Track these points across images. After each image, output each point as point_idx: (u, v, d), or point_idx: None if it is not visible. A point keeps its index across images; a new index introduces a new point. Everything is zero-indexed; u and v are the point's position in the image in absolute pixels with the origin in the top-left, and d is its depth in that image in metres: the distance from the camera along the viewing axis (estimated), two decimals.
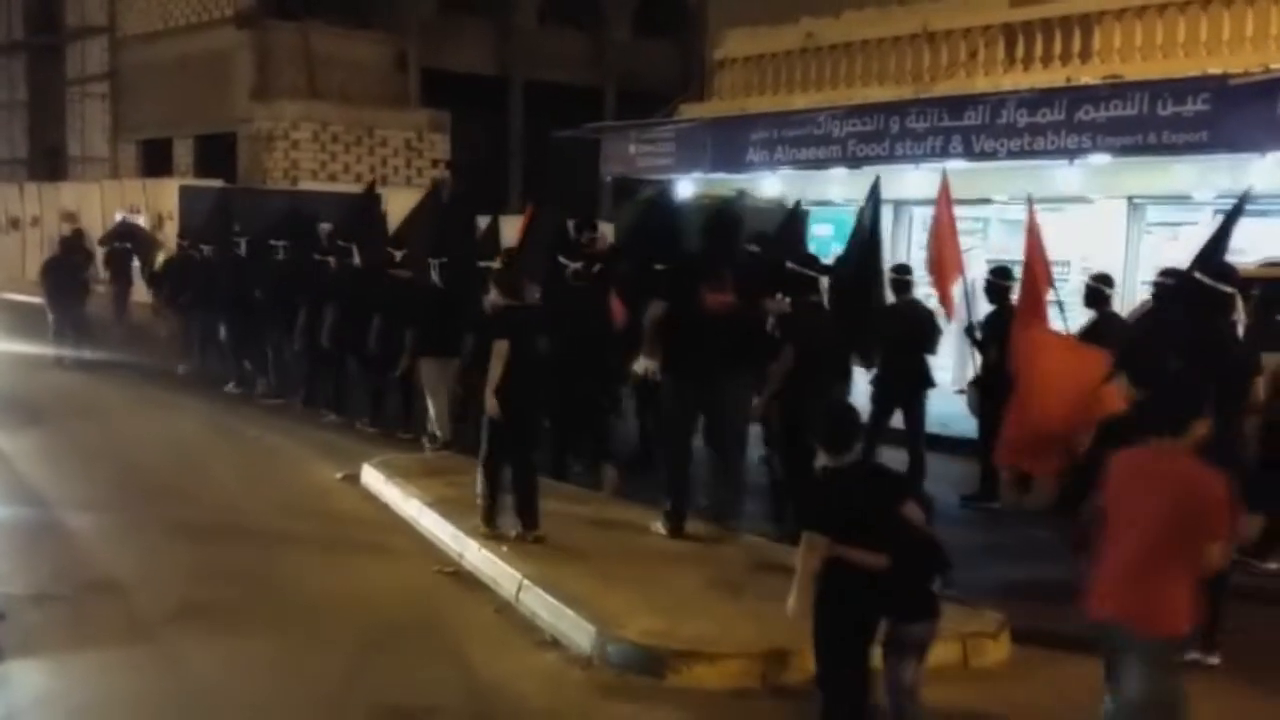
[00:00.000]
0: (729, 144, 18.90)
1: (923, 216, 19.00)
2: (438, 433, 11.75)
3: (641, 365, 8.74)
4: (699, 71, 25.85)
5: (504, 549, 8.03)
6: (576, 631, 6.72)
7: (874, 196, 10.92)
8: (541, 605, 7.14)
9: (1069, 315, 12.44)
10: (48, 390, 15.18)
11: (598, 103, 33.72)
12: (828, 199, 19.24)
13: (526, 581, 7.41)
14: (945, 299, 11.72)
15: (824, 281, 9.37)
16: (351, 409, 13.39)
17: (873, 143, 16.83)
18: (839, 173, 18.26)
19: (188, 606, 7.36)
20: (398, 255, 12.89)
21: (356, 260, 13.64)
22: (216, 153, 31.44)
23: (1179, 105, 13.78)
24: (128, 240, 21.89)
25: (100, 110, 37.05)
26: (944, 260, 11.74)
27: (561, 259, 10.48)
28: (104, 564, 8.19)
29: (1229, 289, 7.10)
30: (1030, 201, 11.22)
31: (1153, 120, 14.04)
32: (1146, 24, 16.08)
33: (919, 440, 10.75)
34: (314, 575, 8.11)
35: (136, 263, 21.13)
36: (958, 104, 15.99)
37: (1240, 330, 7.75)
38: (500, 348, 8.32)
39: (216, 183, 27.59)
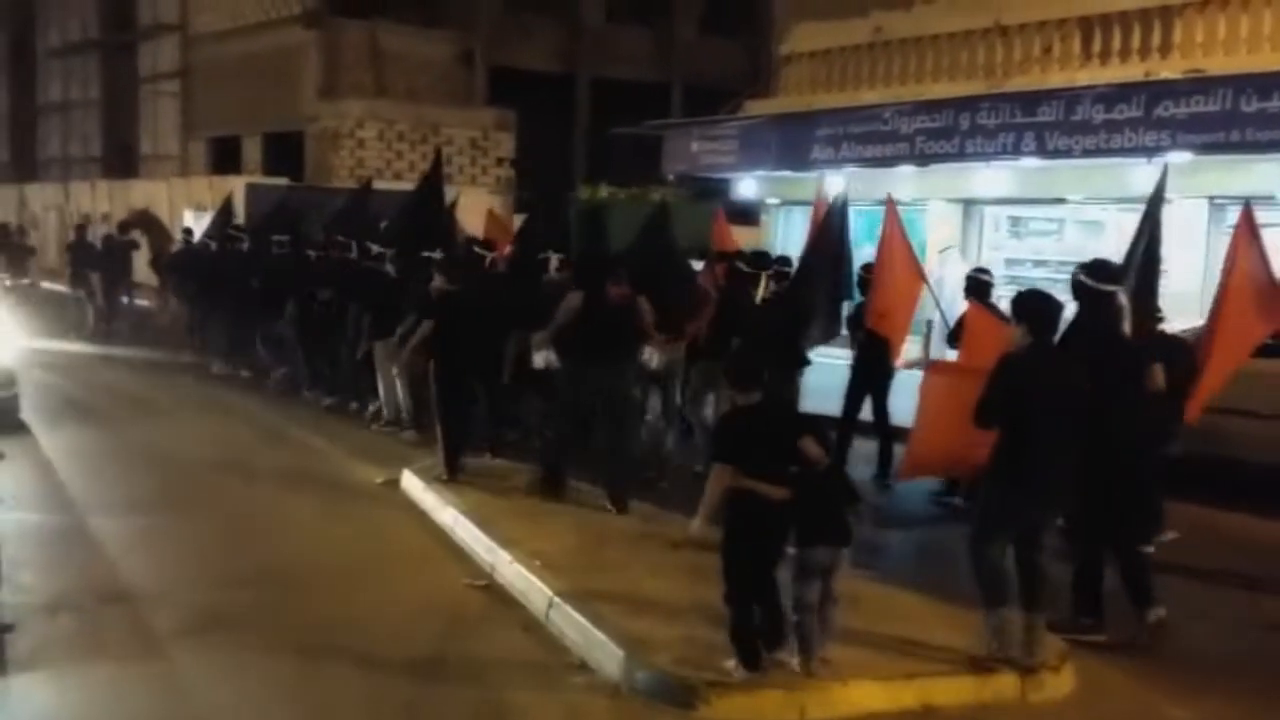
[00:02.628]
0: (793, 141, 18.43)
1: (994, 216, 18.42)
2: (383, 411, 12.70)
3: (542, 359, 9.62)
4: (766, 68, 25.35)
5: (537, 563, 7.66)
6: (605, 656, 6.32)
7: (842, 203, 11.68)
8: (570, 625, 6.76)
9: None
10: (87, 387, 15.15)
11: (664, 100, 33.32)
12: (895, 198, 18.68)
13: (557, 599, 7.03)
14: (894, 343, 10.95)
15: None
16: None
17: (941, 140, 16.28)
18: (906, 170, 17.72)
19: (205, 619, 7.08)
20: (374, 249, 13.43)
21: (354, 254, 13.93)
22: (284, 151, 31.50)
23: (1264, 101, 13.10)
24: (143, 229, 22.53)
25: (172, 108, 37.36)
26: (895, 296, 10.92)
27: (476, 249, 12.21)
28: (126, 573, 7.94)
29: (1110, 287, 7.32)
30: (890, 200, 11.67)
31: (1236, 117, 13.37)
32: (1230, 16, 15.35)
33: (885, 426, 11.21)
34: (340, 586, 7.80)
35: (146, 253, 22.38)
36: (1031, 99, 15.39)
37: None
38: (425, 327, 10.31)
39: (282, 181, 27.60)
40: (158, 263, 22.10)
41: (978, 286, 10.77)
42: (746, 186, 20.55)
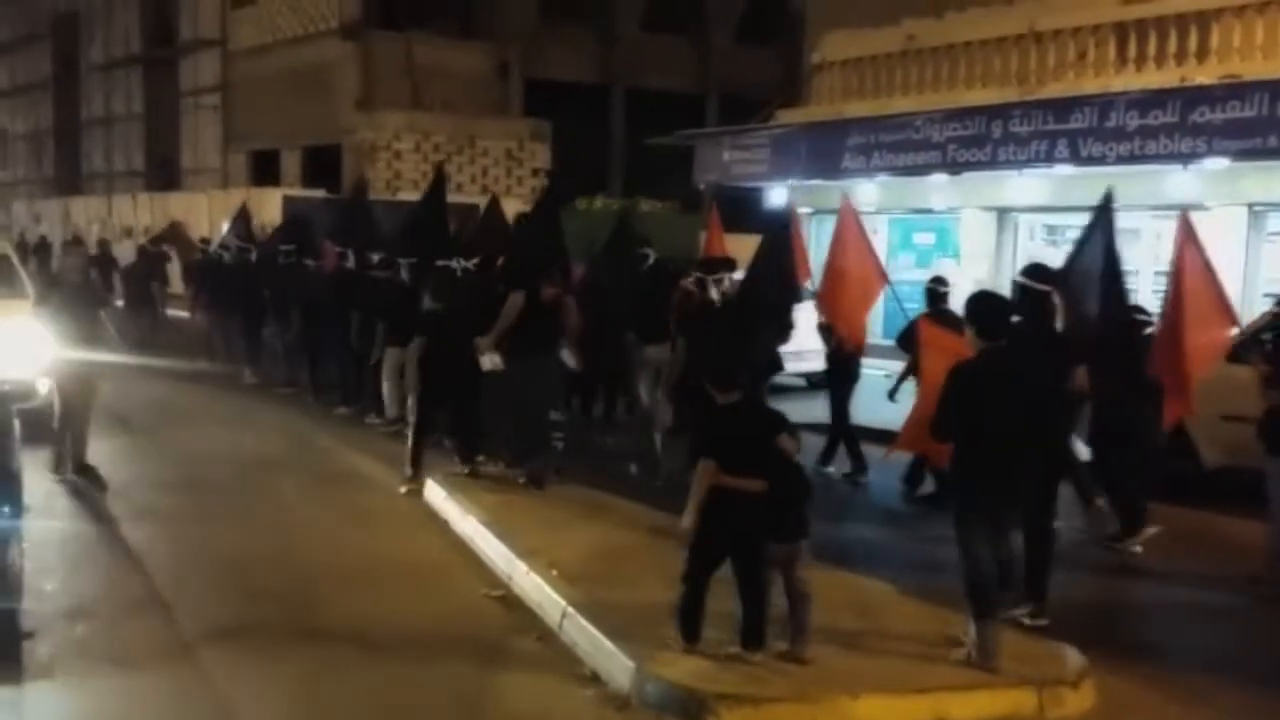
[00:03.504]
0: (824, 149, 18.37)
1: (1029, 224, 18.24)
2: (389, 411, 13.10)
3: (489, 361, 10.19)
4: (800, 77, 25.29)
5: (554, 573, 7.61)
6: (615, 667, 6.26)
7: (787, 213, 12.00)
8: (583, 636, 6.70)
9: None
10: (118, 396, 15.22)
11: (700, 110, 33.33)
12: (927, 206, 18.58)
13: (570, 609, 6.98)
14: (854, 334, 11.40)
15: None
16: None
17: (974, 147, 16.16)
18: (939, 179, 17.59)
19: (226, 627, 7.08)
20: (374, 258, 13.83)
21: (351, 263, 14.47)
22: (323, 163, 31.75)
23: None
24: (172, 242, 23.00)
25: (212, 121, 37.75)
26: (854, 298, 11.39)
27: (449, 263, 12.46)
28: (147, 581, 7.96)
29: (1045, 287, 7.63)
30: (845, 198, 12.04)
31: (1274, 122, 13.20)
32: (1269, 20, 15.15)
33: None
34: (360, 596, 7.78)
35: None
36: (1064, 106, 15.25)
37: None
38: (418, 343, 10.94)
39: (319, 193, 27.81)
40: (187, 274, 22.49)
41: (931, 297, 11.04)
42: (778, 195, 20.46)
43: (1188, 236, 9.27)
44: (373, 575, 8.24)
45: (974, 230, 18.11)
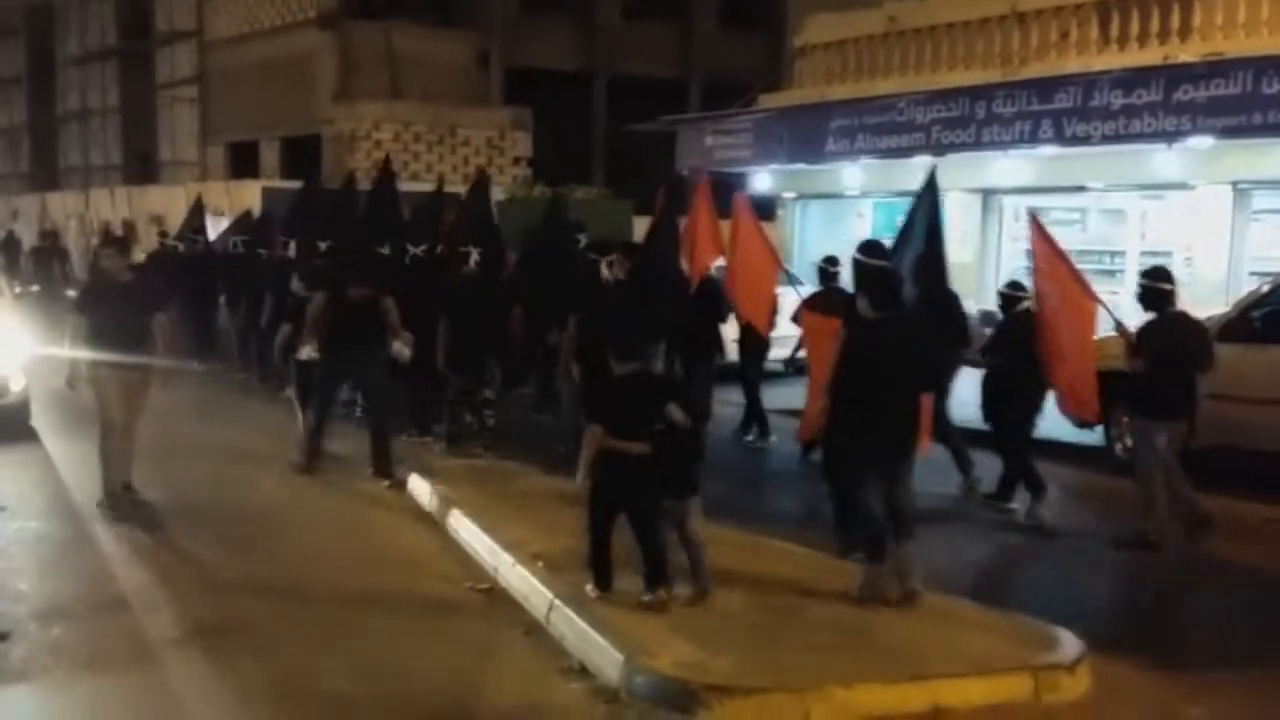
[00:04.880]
0: (807, 133, 18.25)
1: (1013, 206, 18.15)
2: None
3: (305, 352, 10.85)
4: (783, 61, 25.16)
5: (539, 564, 7.49)
6: (604, 659, 6.14)
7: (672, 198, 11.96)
8: (570, 628, 6.58)
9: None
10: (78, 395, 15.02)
11: (683, 96, 33.13)
12: (911, 189, 18.42)
13: (557, 601, 6.86)
14: (757, 321, 12.03)
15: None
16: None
17: (957, 129, 16.06)
18: (924, 161, 17.45)
19: (203, 626, 6.93)
20: (323, 247, 13.98)
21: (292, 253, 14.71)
22: (301, 154, 31.46)
23: None
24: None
25: (189, 114, 37.41)
26: (754, 284, 11.88)
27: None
28: (124, 581, 7.82)
29: (879, 262, 7.93)
30: (738, 193, 12.61)
31: (1258, 99, 13.10)
32: None
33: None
34: (342, 592, 7.65)
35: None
36: (1047, 86, 15.16)
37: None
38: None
39: (298, 184, 27.53)
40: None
41: (822, 276, 11.84)
42: (761, 180, 20.36)
43: (1039, 234, 9.57)
44: (355, 569, 8.12)
45: (959, 212, 17.99)
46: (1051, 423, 11.68)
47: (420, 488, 9.96)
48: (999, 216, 18.10)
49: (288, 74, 32.35)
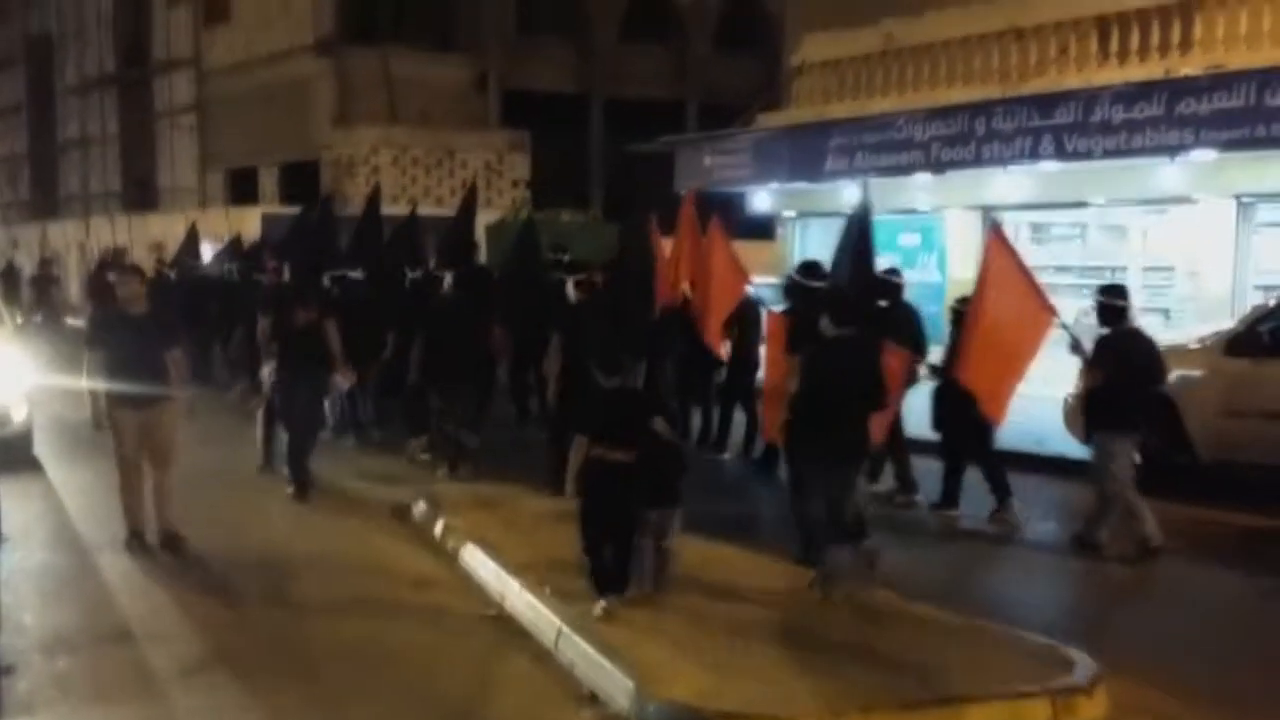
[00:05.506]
0: (806, 152, 18.21)
1: (1015, 222, 18.07)
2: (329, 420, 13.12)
3: (265, 372, 11.26)
4: (779, 81, 25.18)
5: (547, 590, 7.41)
6: (614, 687, 6.05)
7: (642, 219, 11.89)
8: (579, 655, 6.49)
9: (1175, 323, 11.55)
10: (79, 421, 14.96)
11: (680, 117, 33.21)
12: (913, 206, 18.43)
13: (565, 628, 6.77)
14: (714, 336, 12.00)
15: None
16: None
17: (957, 146, 16.03)
18: (924, 179, 17.45)
19: (208, 658, 6.86)
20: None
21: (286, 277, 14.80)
22: (301, 180, 31.50)
23: None
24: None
25: (188, 141, 37.49)
26: (714, 298, 11.84)
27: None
28: (128, 612, 7.73)
29: (817, 284, 8.48)
30: (689, 199, 12.37)
31: (1260, 111, 13.05)
32: (1252, 10, 15.01)
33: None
34: (348, 621, 7.55)
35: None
36: (1047, 102, 15.12)
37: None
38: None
39: (296, 210, 27.52)
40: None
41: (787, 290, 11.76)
42: (761, 200, 20.33)
43: (997, 243, 9.75)
44: (361, 598, 8.02)
45: (959, 230, 17.96)
46: (1061, 441, 11.71)
47: (423, 513, 9.87)
48: None
49: (286, 100, 32.42)
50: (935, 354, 10.83)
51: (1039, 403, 11.28)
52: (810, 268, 9.02)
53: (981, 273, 9.76)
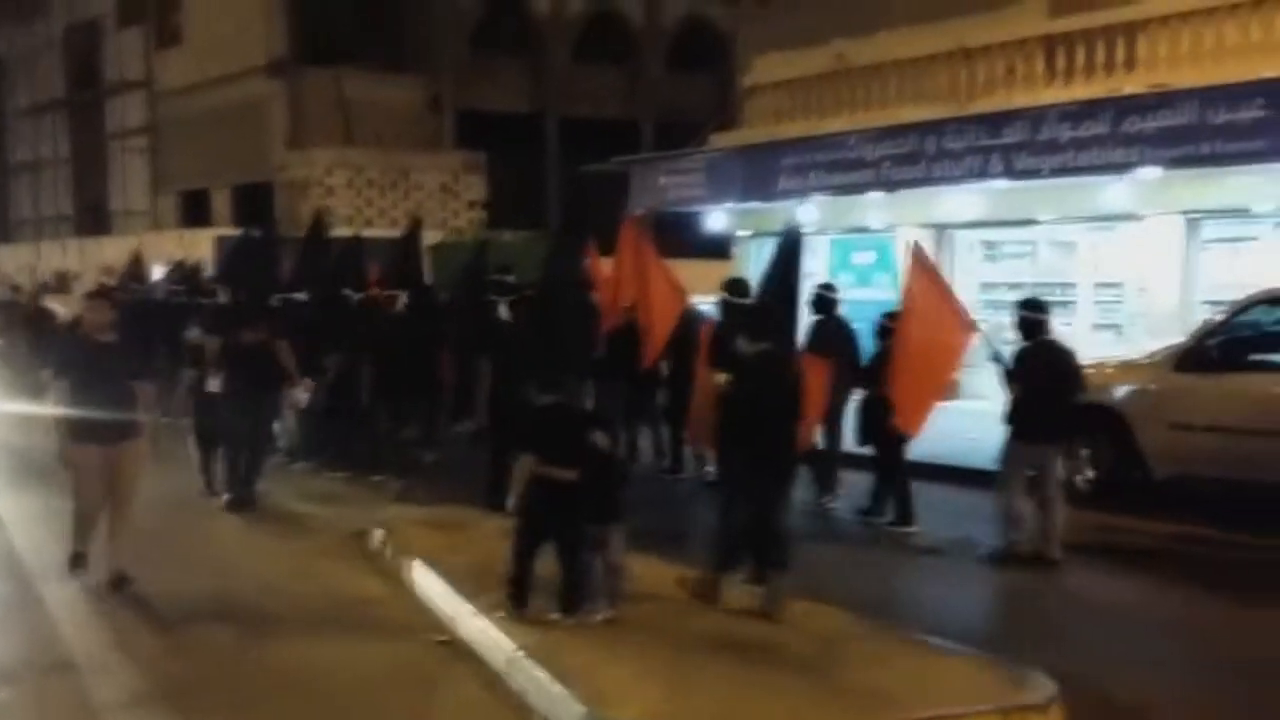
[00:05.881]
0: (759, 172, 18.30)
1: (966, 240, 18.26)
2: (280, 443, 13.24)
3: (213, 385, 11.25)
4: (733, 101, 25.30)
5: (499, 614, 7.35)
6: (566, 713, 6.00)
7: (573, 238, 12.15)
8: (530, 681, 6.44)
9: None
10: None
11: (635, 137, 33.29)
12: (866, 225, 18.54)
13: (517, 653, 6.71)
14: (651, 355, 12.20)
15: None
16: None
17: (908, 165, 16.16)
18: (876, 197, 17.57)
19: (152, 688, 6.73)
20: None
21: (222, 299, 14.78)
22: (254, 202, 31.30)
23: (1231, 112, 12.98)
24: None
25: (140, 164, 37.20)
26: (654, 312, 12.06)
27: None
28: (72, 641, 7.58)
29: (744, 301, 8.72)
30: (629, 220, 12.99)
31: (1204, 129, 13.25)
32: (1194, 29, 15.24)
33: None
34: (298, 648, 7.44)
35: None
36: (996, 121, 15.29)
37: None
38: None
39: (252, 232, 27.34)
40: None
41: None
42: (716, 219, 20.38)
43: (918, 262, 10.10)
44: (311, 625, 7.91)
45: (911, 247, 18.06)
46: None
47: (374, 536, 9.78)
48: (951, 251, 18.17)
49: (239, 122, 32.25)
50: None
51: (992, 418, 11.33)
52: (737, 284, 9.24)
53: (904, 293, 10.12)
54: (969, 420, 12.61)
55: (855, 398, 11.06)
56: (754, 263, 20.51)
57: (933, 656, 6.77)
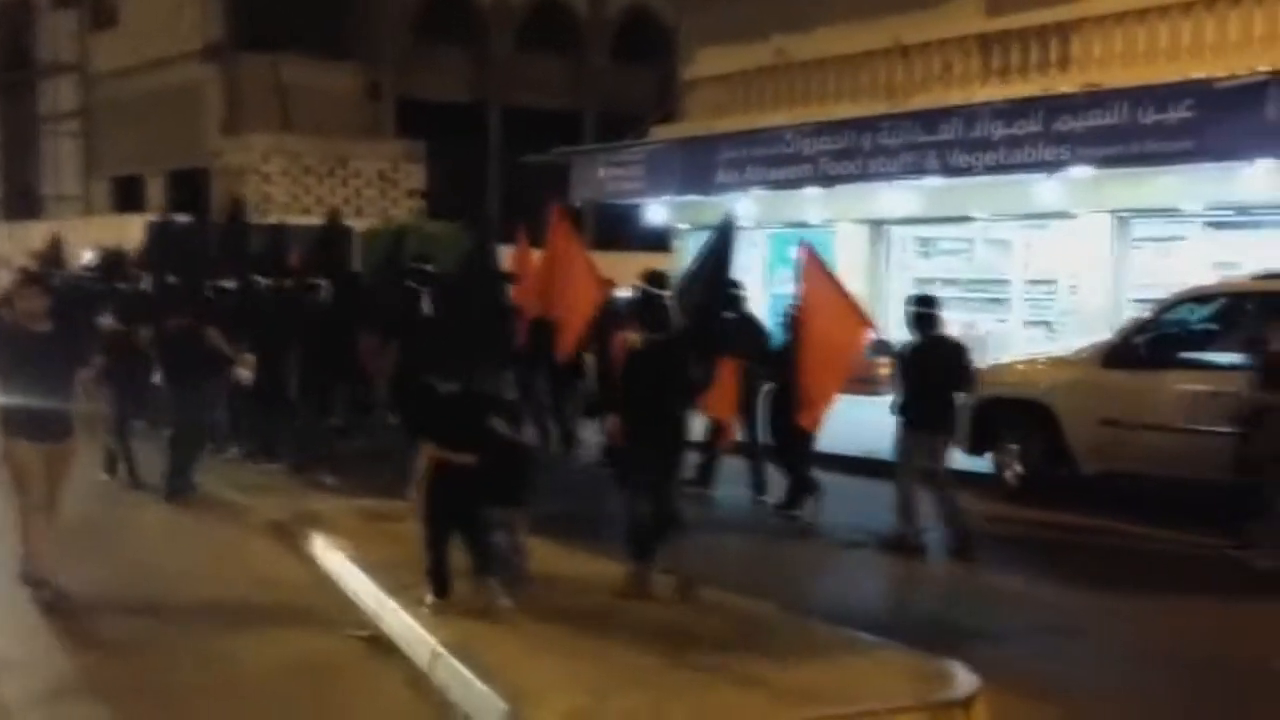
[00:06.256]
0: (698, 165, 18.29)
1: (902, 236, 18.38)
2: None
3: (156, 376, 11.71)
4: (675, 93, 25.26)
5: (425, 611, 7.28)
6: (489, 710, 5.95)
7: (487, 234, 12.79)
8: (454, 677, 6.38)
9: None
10: None
11: (578, 128, 33.14)
12: (803, 220, 18.60)
13: (440, 649, 6.65)
14: (565, 346, 12.25)
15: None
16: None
17: (845, 160, 16.22)
18: (814, 192, 17.63)
19: (60, 687, 6.60)
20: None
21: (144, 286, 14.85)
22: (189, 188, 30.84)
23: (1161, 113, 13.13)
24: None
25: (73, 148, 36.53)
26: (572, 305, 12.08)
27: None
28: None
29: (659, 292, 8.94)
30: (556, 212, 12.75)
31: (1134, 129, 13.40)
32: (1126, 30, 15.44)
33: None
34: (215, 644, 7.31)
35: None
36: (931, 118, 15.38)
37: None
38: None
39: (185, 219, 26.92)
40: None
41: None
42: (656, 212, 20.37)
43: (810, 262, 10.33)
44: (231, 621, 7.76)
45: (849, 243, 18.17)
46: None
47: (301, 528, 9.67)
48: (887, 247, 18.29)
49: (174, 107, 31.75)
50: None
51: None
52: (656, 277, 9.49)
53: (799, 292, 10.34)
54: None
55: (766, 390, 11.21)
56: (692, 256, 20.59)
57: (855, 651, 6.79)
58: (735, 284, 11.89)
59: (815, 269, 10.33)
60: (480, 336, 11.09)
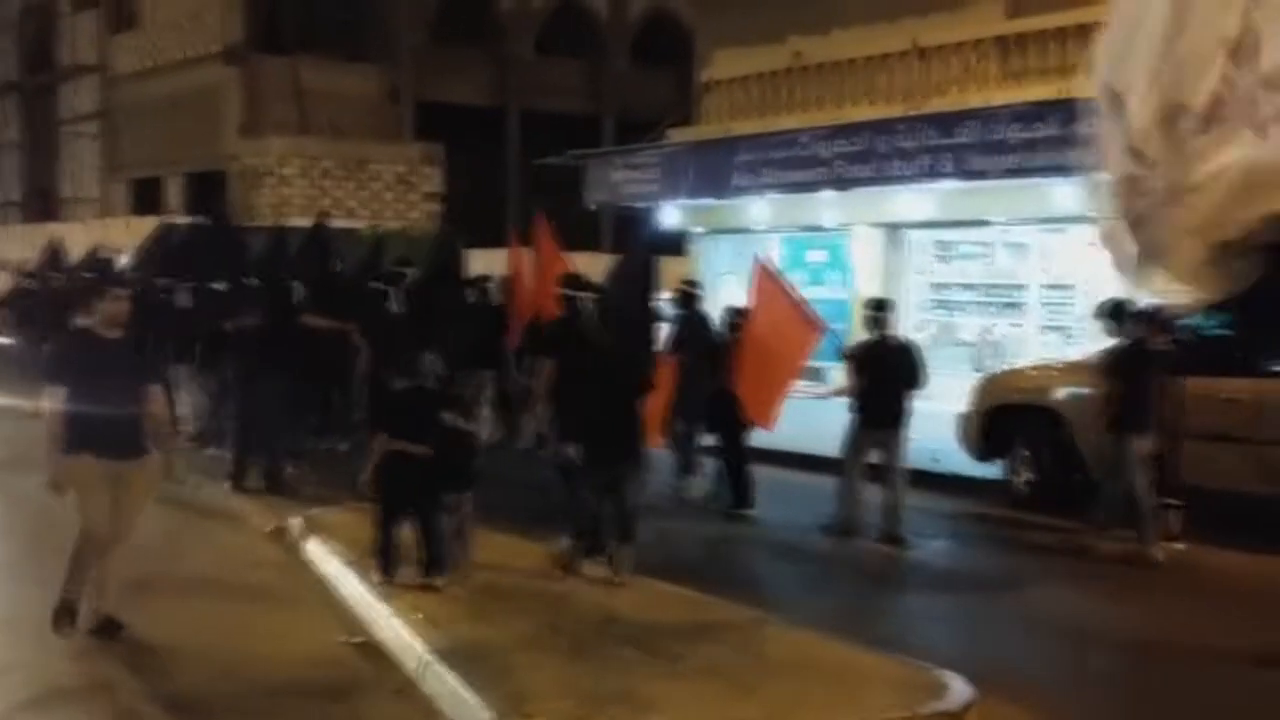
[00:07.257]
0: (713, 168, 18.15)
1: (919, 240, 18.16)
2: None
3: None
4: (692, 97, 25.15)
5: (418, 617, 7.16)
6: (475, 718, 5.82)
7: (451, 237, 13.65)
8: (443, 686, 6.25)
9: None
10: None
11: (596, 131, 33.06)
12: (819, 223, 18.43)
13: (429, 656, 6.52)
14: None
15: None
16: None
17: (860, 163, 16.04)
18: (830, 195, 17.45)
19: (46, 692, 6.50)
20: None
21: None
22: (207, 190, 30.87)
23: None
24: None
25: (91, 150, 36.67)
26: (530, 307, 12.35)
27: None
28: None
29: (576, 293, 9.17)
30: (540, 216, 12.89)
31: None
32: None
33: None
34: (204, 651, 7.16)
35: None
36: (948, 121, 15.18)
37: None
38: None
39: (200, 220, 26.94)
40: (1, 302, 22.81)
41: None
42: (670, 215, 20.21)
43: (765, 274, 10.91)
44: (221, 625, 7.65)
45: (864, 247, 17.99)
46: (954, 458, 11.73)
47: (294, 533, 9.57)
48: (905, 250, 18.08)
49: (193, 109, 31.81)
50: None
51: (934, 420, 11.26)
52: (574, 279, 9.79)
53: (751, 298, 10.80)
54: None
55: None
56: (708, 259, 20.45)
57: (843, 659, 6.64)
58: (692, 283, 12.48)
59: (767, 280, 10.90)
60: (440, 335, 11.27)
